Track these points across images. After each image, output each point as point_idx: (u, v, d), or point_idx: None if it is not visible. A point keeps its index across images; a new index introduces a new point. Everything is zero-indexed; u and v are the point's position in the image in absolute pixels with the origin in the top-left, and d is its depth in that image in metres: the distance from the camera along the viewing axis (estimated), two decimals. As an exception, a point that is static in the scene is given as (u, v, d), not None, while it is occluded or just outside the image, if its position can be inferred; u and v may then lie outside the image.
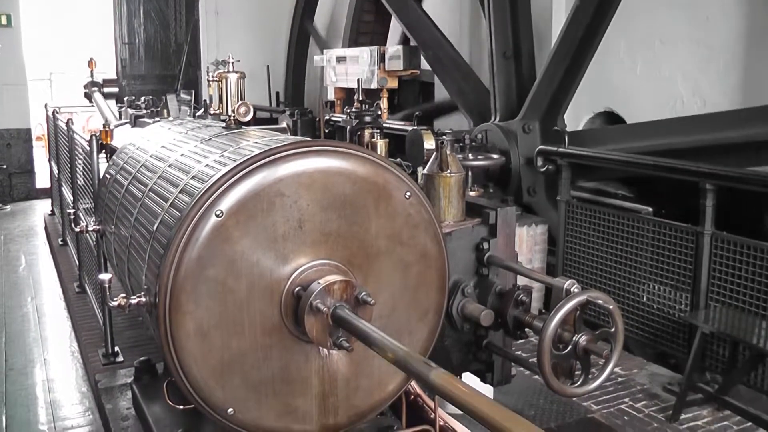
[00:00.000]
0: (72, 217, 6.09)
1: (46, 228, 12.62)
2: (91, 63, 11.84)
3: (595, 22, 7.72)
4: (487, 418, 2.17)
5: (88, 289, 8.29)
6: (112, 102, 11.23)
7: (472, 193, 6.53)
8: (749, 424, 5.68)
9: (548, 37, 9.09)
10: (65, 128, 9.13)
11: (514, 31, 8.76)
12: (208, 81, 5.17)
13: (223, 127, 4.41)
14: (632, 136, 7.91)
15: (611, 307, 3.01)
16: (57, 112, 11.48)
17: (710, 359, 6.11)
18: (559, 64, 8.09)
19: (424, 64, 11.59)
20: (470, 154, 8.02)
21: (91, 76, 11.85)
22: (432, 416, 4.12)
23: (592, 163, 7.94)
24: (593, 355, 3.08)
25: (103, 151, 6.73)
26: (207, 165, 3.45)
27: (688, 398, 5.87)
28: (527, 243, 8.02)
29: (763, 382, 5.72)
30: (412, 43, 11.14)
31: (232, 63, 4.59)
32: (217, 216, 3.04)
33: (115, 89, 11.90)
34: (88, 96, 11.70)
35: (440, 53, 10.37)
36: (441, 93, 12.21)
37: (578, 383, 3.12)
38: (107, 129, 6.88)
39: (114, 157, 5.28)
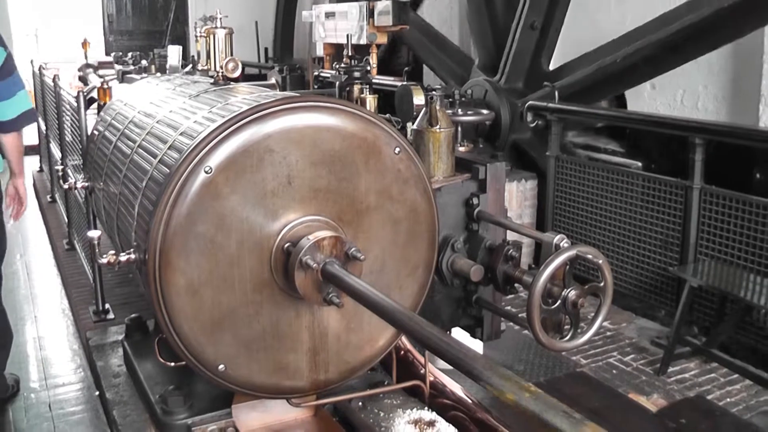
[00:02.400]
0: (60, 173, 6.05)
1: (34, 185, 12.55)
2: (84, 44, 11.63)
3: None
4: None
5: (77, 246, 8.27)
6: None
7: (461, 149, 6.51)
8: (736, 376, 5.74)
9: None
10: (52, 84, 9.05)
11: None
12: (196, 37, 5.12)
13: (211, 83, 4.37)
14: (605, 54, 7.79)
15: (600, 261, 3.01)
16: (43, 68, 11.36)
17: (698, 313, 6.16)
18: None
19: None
20: (460, 110, 7.99)
21: (86, 57, 11.68)
22: (422, 371, 4.15)
23: (582, 118, 7.93)
24: (582, 310, 3.10)
25: (94, 104, 6.65)
26: (196, 121, 3.42)
27: (676, 351, 5.93)
28: (517, 198, 8.03)
29: (750, 335, 5.77)
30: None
31: (220, 18, 4.54)
32: (206, 172, 3.03)
33: (112, 71, 11.70)
34: (83, 79, 11.55)
35: (413, 32, 10.30)
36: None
37: (567, 338, 3.13)
38: (106, 87, 6.78)
39: (102, 113, 5.24)
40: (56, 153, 9.23)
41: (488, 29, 9.41)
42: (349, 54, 8.56)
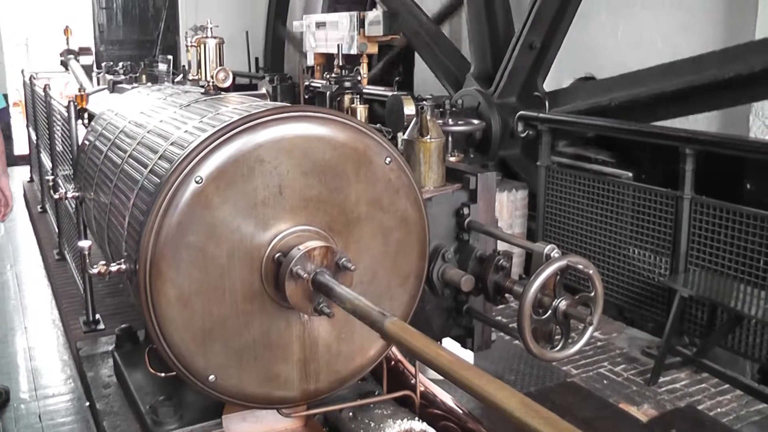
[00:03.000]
0: (51, 183, 6.05)
1: (24, 195, 12.52)
2: (66, 31, 11.68)
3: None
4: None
5: (68, 257, 8.25)
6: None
7: (452, 159, 6.52)
8: (726, 386, 5.75)
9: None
10: (42, 94, 9.05)
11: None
12: (187, 46, 5.12)
13: (202, 93, 4.37)
14: (602, 91, 7.87)
15: (591, 271, 3.02)
16: (34, 78, 11.35)
17: (689, 323, 6.16)
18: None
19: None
20: (450, 120, 8.00)
21: (67, 43, 11.70)
22: (413, 382, 4.14)
23: (573, 128, 7.95)
24: (573, 320, 3.10)
25: (84, 115, 6.66)
26: (186, 131, 3.42)
27: (667, 361, 5.93)
28: (507, 208, 8.04)
29: (740, 345, 5.78)
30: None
31: (211, 28, 4.54)
32: (196, 182, 3.02)
33: (91, 56, 11.77)
34: (64, 64, 11.58)
35: (413, 21, 10.30)
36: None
37: (558, 348, 3.14)
38: (83, 93, 6.83)
39: (93, 123, 5.24)
40: (47, 163, 9.22)
41: (487, 42, 9.41)
42: (340, 64, 8.58)
